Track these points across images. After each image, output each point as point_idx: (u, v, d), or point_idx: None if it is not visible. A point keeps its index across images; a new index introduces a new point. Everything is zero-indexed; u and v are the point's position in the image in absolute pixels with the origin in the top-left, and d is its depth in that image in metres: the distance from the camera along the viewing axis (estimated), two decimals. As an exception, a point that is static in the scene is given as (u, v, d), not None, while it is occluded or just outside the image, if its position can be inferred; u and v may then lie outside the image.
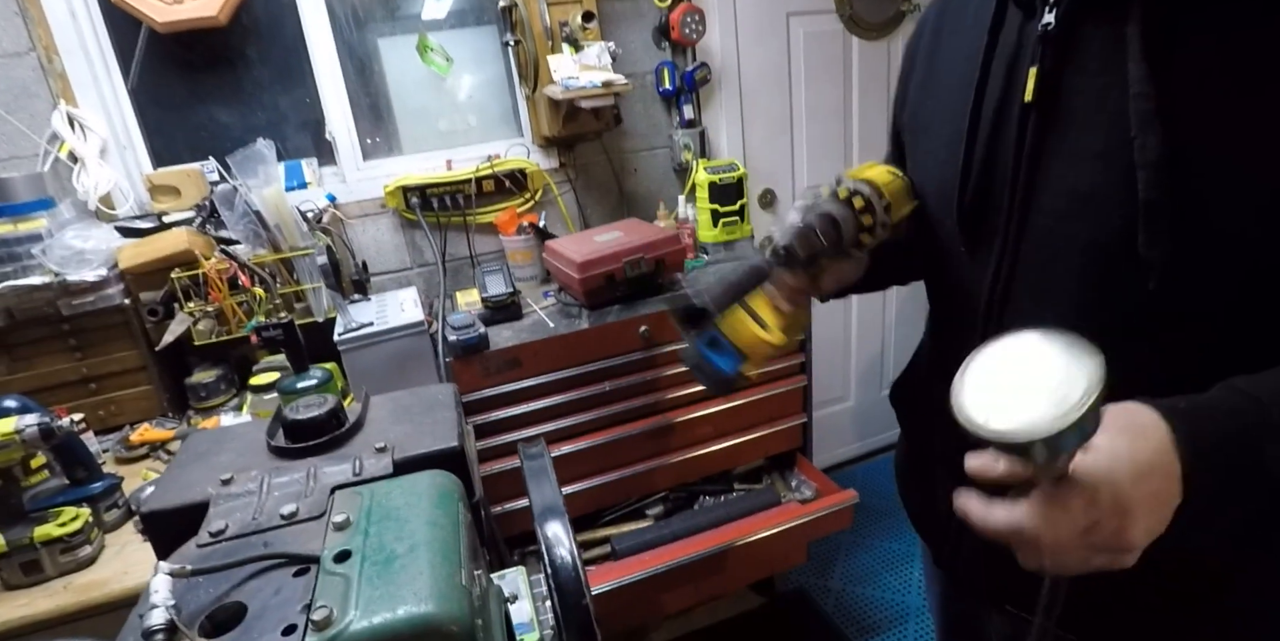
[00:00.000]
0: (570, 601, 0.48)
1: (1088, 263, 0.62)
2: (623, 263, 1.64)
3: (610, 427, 1.77)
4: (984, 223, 0.70)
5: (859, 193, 0.72)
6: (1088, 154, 0.61)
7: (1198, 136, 0.54)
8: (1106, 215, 0.60)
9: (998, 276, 0.70)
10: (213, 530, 0.57)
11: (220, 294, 1.54)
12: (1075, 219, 0.62)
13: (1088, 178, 0.61)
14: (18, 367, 1.57)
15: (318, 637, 0.45)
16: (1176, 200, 0.55)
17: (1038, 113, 0.64)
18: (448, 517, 0.57)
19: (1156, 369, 0.58)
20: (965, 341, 0.76)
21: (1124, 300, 0.61)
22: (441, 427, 0.69)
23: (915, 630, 2.07)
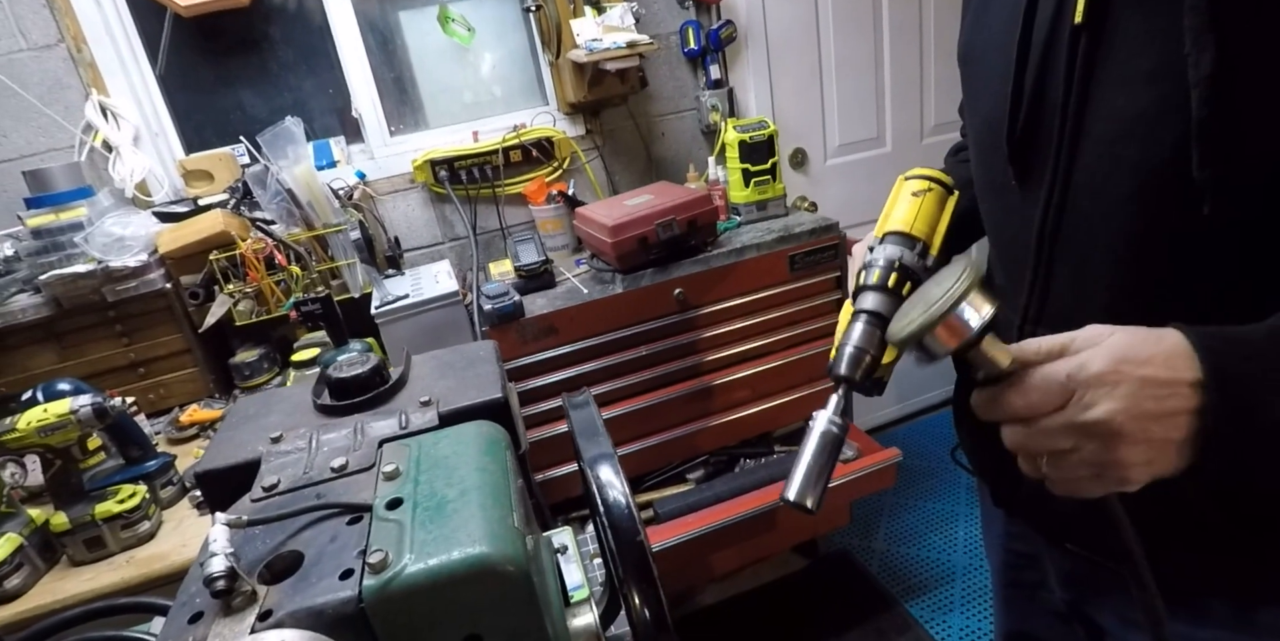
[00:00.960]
0: (626, 538, 0.47)
1: (1140, 188, 0.60)
2: (655, 225, 1.62)
3: (649, 392, 1.76)
4: (1035, 154, 0.68)
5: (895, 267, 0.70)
6: (1139, 75, 0.59)
7: (1252, 51, 0.51)
8: (1159, 137, 0.58)
9: (1048, 209, 0.68)
10: (265, 485, 0.57)
11: (258, 274, 1.55)
12: (1126, 143, 0.60)
13: (1140, 99, 0.59)
14: (69, 355, 1.61)
15: (375, 580, 0.44)
16: (1230, 119, 0.53)
17: (1088, 35, 0.61)
18: (496, 464, 0.56)
19: (1208, 303, 0.57)
20: (1019, 277, 0.74)
21: (1177, 228, 0.59)
22: (485, 380, 0.68)
23: (963, 589, 2.05)
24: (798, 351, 1.90)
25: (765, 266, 1.80)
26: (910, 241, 0.71)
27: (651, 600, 0.46)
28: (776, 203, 1.97)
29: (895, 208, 0.75)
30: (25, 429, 1.10)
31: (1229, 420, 0.45)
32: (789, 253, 1.82)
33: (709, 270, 1.73)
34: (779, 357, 1.89)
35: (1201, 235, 0.58)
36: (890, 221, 0.74)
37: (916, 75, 2.50)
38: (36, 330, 1.58)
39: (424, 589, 0.44)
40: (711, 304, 1.77)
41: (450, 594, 0.45)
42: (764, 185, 1.93)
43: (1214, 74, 0.52)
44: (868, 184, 2.56)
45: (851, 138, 2.49)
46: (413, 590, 0.44)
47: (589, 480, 0.52)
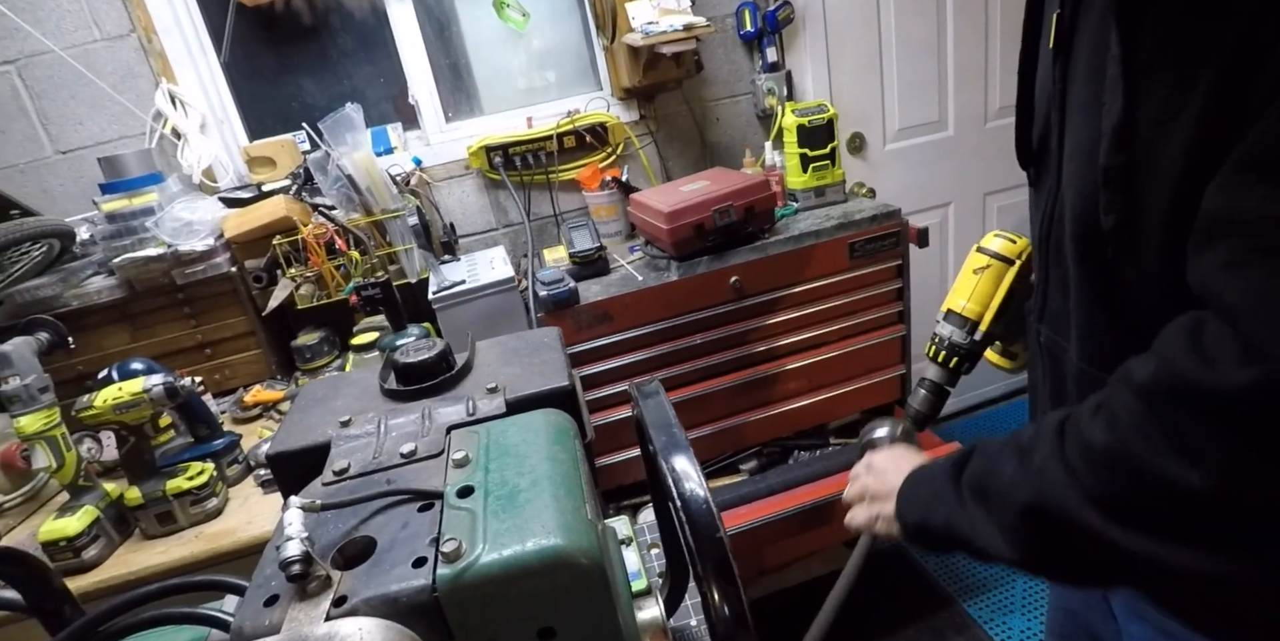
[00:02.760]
0: (705, 534, 0.45)
1: (1075, 217, 0.64)
2: (711, 211, 1.59)
3: (702, 381, 1.74)
4: (1044, 161, 0.72)
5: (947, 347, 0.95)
6: (1082, 106, 0.62)
7: (1157, 108, 0.53)
8: (1086, 172, 0.60)
9: (1045, 214, 0.72)
10: (336, 469, 0.57)
11: (319, 258, 1.58)
12: (1079, 164, 0.63)
13: (1082, 130, 0.62)
14: (140, 335, 1.67)
15: (449, 569, 0.44)
16: (1131, 171, 0.55)
17: (1061, 58, 0.65)
18: (566, 453, 0.55)
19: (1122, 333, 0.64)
20: (1039, 279, 0.77)
21: (1095, 259, 0.64)
22: (551, 368, 0.67)
23: (1024, 590, 1.98)
24: (855, 342, 1.85)
25: (824, 254, 1.76)
26: (962, 321, 0.93)
27: (732, 598, 0.45)
28: (835, 188, 1.92)
29: (958, 283, 0.94)
30: (102, 406, 1.14)
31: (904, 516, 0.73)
32: (849, 240, 1.77)
33: (766, 257, 1.70)
34: (836, 348, 1.85)
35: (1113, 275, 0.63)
36: (950, 299, 0.95)
37: (981, 56, 2.40)
38: (111, 311, 1.63)
39: (498, 579, 0.43)
40: (768, 292, 1.74)
41: (524, 585, 0.44)
42: (823, 170, 1.88)
43: (1120, 125, 0.55)
44: (928, 169, 2.47)
45: (912, 121, 2.41)
46: (486, 580, 0.43)
47: (662, 471, 0.50)
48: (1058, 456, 0.56)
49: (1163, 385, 0.50)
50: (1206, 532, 0.50)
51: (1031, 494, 0.57)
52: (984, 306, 0.91)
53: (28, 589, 0.71)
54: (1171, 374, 0.49)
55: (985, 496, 0.62)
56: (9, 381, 1.14)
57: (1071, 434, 0.56)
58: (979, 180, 2.52)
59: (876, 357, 1.88)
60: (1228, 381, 0.45)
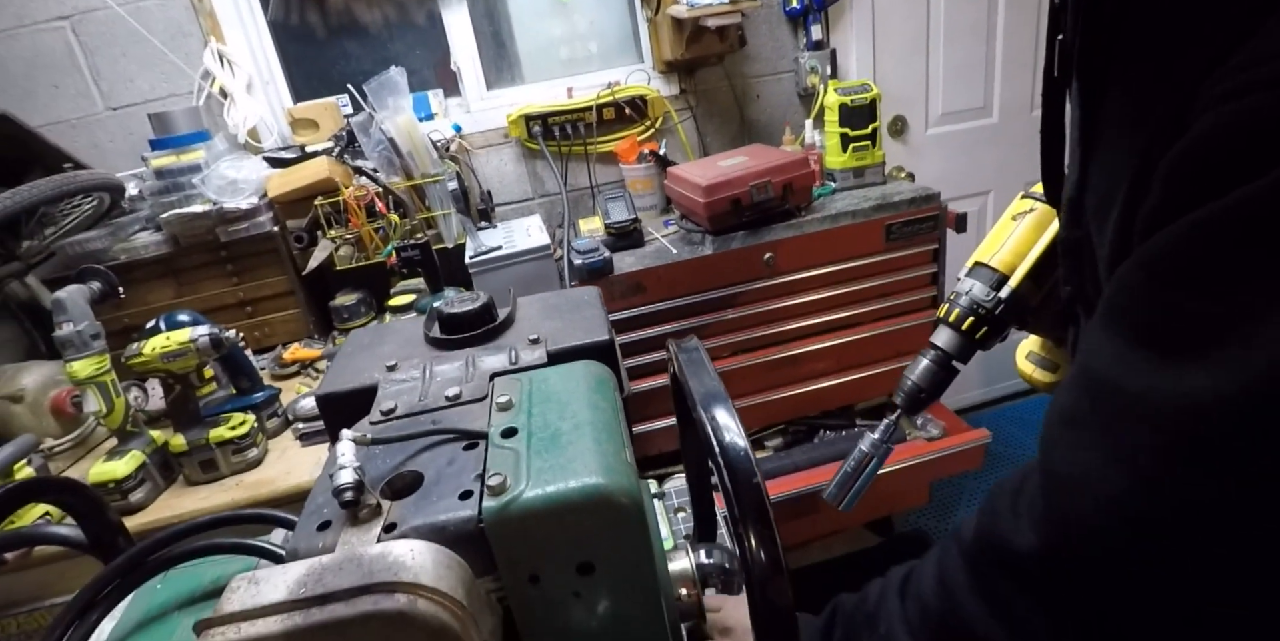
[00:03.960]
0: (743, 479, 0.46)
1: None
2: (749, 186, 1.58)
3: (732, 356, 1.75)
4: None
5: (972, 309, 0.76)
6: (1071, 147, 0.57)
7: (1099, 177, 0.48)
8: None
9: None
10: (384, 409, 0.59)
11: (359, 220, 1.60)
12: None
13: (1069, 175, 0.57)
14: (185, 291, 1.71)
15: (494, 502, 0.45)
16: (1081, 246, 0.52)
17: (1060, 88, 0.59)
18: (606, 402, 0.56)
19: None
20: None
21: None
22: (592, 323, 0.68)
23: None
24: (887, 324, 1.84)
25: (860, 234, 1.74)
26: (990, 274, 0.75)
27: (768, 541, 0.46)
28: (874, 170, 1.90)
29: (994, 232, 0.79)
30: (150, 354, 1.17)
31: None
32: (886, 221, 1.75)
33: (801, 235, 1.69)
34: (867, 329, 1.84)
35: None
36: (982, 249, 0.78)
37: (1031, 43, 2.34)
38: (157, 266, 1.68)
39: (540, 514, 0.45)
40: (802, 270, 1.73)
41: (566, 521, 0.45)
42: (863, 151, 1.86)
43: (1075, 198, 0.51)
44: (969, 156, 2.43)
45: (956, 106, 2.37)
46: (530, 514, 0.45)
47: (701, 421, 0.51)
48: (901, 618, 0.55)
49: (981, 544, 0.47)
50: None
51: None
52: (1019, 257, 0.74)
53: (85, 519, 0.74)
54: (989, 533, 0.47)
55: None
56: (63, 327, 1.18)
57: (911, 594, 0.55)
58: (1021, 170, 2.47)
59: (908, 341, 1.87)
60: (1023, 543, 0.43)
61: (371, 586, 0.38)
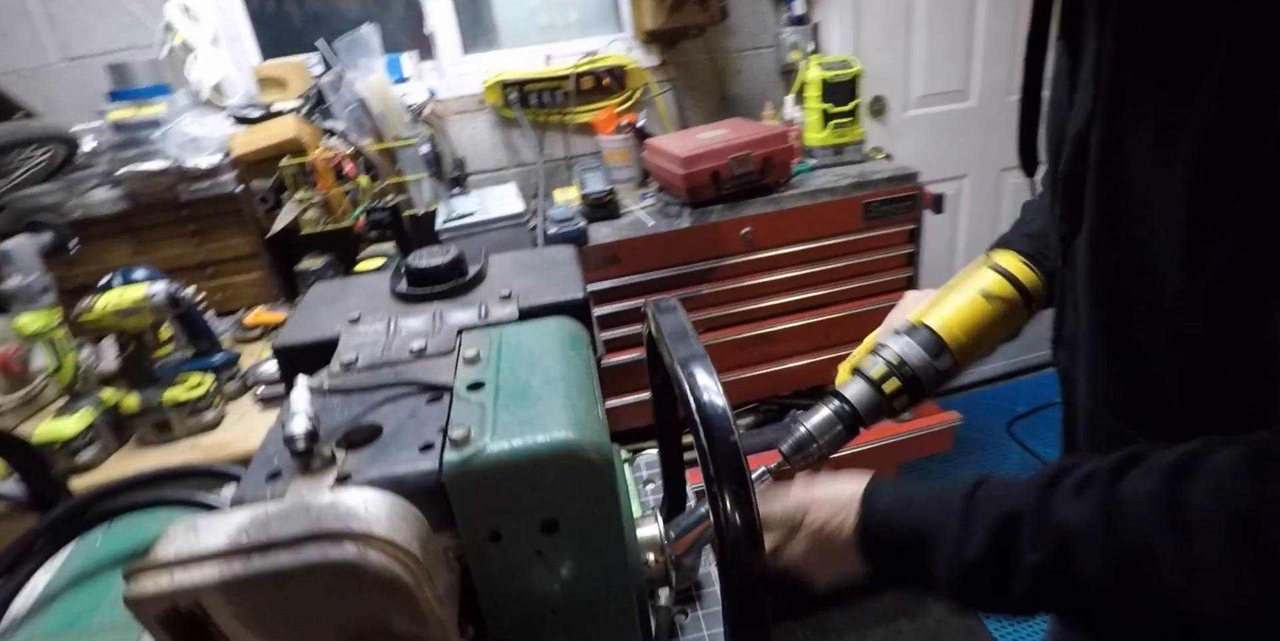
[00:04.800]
0: (720, 437, 0.45)
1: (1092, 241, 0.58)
2: (728, 159, 1.56)
3: (706, 332, 1.74)
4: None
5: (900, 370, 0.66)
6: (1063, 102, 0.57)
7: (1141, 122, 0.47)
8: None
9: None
10: (344, 361, 0.56)
11: (326, 183, 1.55)
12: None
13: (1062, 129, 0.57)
14: (143, 250, 1.65)
15: (456, 455, 0.43)
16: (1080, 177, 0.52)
17: (1069, 49, 0.58)
18: (580, 358, 0.54)
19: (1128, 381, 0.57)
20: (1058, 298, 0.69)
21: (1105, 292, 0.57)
22: (567, 281, 0.66)
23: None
24: (862, 304, 1.84)
25: (838, 212, 1.74)
26: (938, 347, 0.66)
27: (743, 502, 0.44)
28: (854, 148, 1.89)
29: (954, 297, 0.70)
30: (102, 311, 1.13)
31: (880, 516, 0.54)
32: (864, 200, 1.75)
33: (780, 211, 1.68)
34: (843, 309, 1.84)
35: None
36: (937, 312, 0.69)
37: (1010, 28, 2.33)
38: (114, 224, 1.61)
39: (506, 468, 0.43)
40: (779, 247, 1.72)
41: (532, 476, 0.43)
42: (844, 128, 1.84)
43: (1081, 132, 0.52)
44: (947, 139, 2.43)
45: (935, 88, 2.36)
46: (494, 468, 0.43)
47: (680, 379, 0.49)
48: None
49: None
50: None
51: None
52: (975, 342, 0.68)
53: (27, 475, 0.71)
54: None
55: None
56: (10, 279, 1.12)
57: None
58: (997, 155, 2.47)
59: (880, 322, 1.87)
60: None
61: (319, 534, 0.35)
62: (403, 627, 0.37)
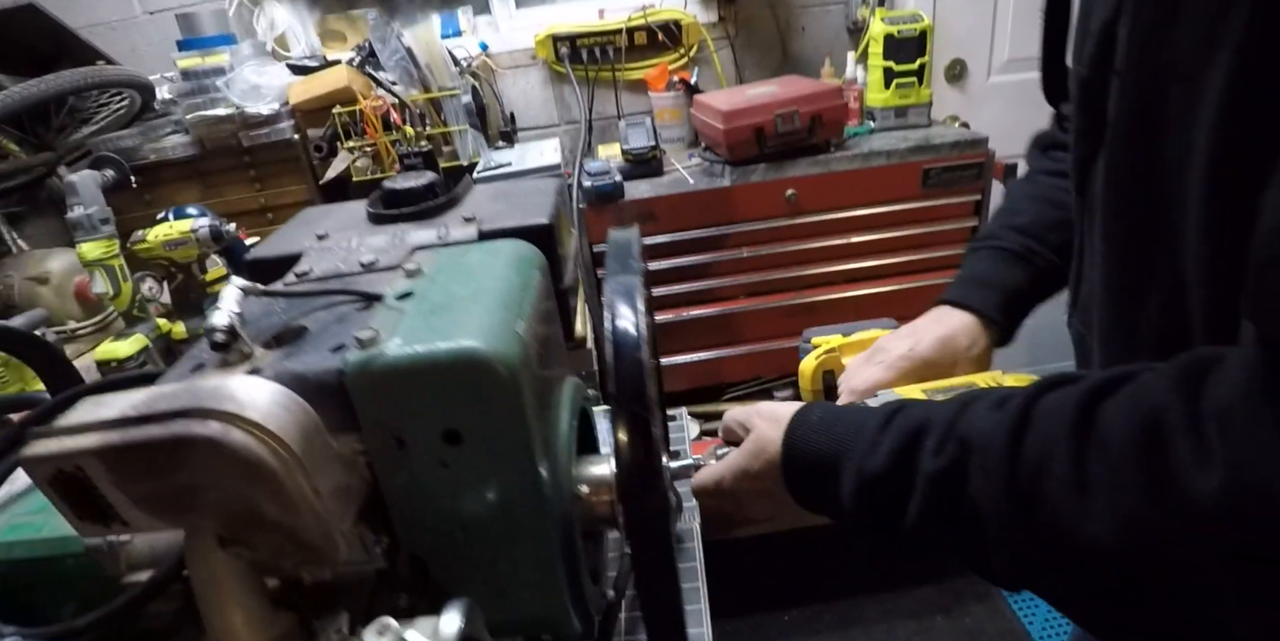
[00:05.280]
0: (627, 354, 0.43)
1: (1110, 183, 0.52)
2: (773, 115, 1.50)
3: (746, 298, 1.70)
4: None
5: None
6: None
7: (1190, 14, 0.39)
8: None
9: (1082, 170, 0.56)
10: (299, 271, 0.58)
11: (375, 131, 1.58)
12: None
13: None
14: (210, 194, 1.74)
15: (360, 355, 0.43)
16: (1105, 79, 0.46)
17: None
18: (520, 277, 0.53)
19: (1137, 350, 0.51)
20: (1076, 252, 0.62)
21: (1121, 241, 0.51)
22: (536, 207, 0.65)
23: None
24: (916, 279, 1.75)
25: (893, 177, 1.65)
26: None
27: (641, 426, 0.43)
28: (919, 111, 1.78)
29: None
30: (153, 241, 1.20)
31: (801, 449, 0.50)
32: (924, 165, 1.65)
33: (828, 173, 1.61)
34: (894, 283, 1.76)
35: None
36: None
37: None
38: (184, 168, 1.70)
39: (405, 371, 0.43)
40: (826, 212, 1.65)
41: (432, 381, 0.43)
42: (907, 88, 1.74)
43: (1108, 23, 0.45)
44: (1035, 110, 2.22)
45: (1025, 53, 2.19)
46: (394, 370, 0.43)
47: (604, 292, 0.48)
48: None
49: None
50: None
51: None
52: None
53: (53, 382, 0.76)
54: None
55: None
56: (74, 209, 1.20)
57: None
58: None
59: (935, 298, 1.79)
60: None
61: (190, 410, 0.36)
62: (274, 515, 0.38)
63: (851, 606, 1.87)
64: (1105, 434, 0.34)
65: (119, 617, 0.49)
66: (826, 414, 0.51)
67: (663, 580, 0.45)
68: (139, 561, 0.55)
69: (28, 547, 0.57)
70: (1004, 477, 0.37)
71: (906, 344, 0.68)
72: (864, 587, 1.89)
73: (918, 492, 0.41)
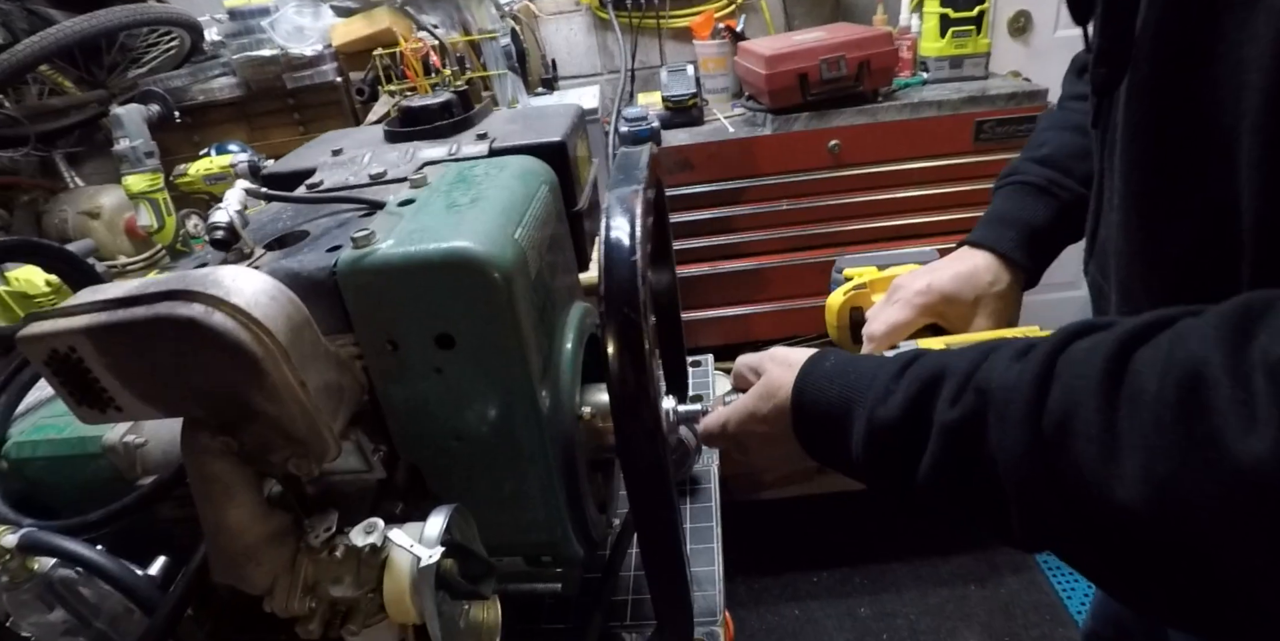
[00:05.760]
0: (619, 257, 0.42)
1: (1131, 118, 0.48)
2: (819, 61, 1.44)
3: (784, 252, 1.65)
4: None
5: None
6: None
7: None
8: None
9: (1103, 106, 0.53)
10: (310, 183, 0.57)
11: (415, 75, 1.57)
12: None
13: None
14: (255, 136, 1.76)
15: (353, 254, 0.43)
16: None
17: None
18: (525, 189, 0.52)
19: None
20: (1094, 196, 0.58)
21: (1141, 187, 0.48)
22: (551, 127, 0.63)
23: None
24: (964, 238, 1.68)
25: (944, 130, 1.58)
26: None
27: (632, 331, 0.41)
28: (975, 61, 1.69)
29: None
30: (194, 175, 1.22)
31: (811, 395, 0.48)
32: (977, 117, 1.57)
33: (874, 124, 1.54)
34: (941, 241, 1.69)
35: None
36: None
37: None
38: (231, 109, 1.73)
39: (396, 270, 0.42)
40: (871, 165, 1.59)
41: (423, 282, 0.43)
42: (964, 37, 1.65)
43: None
44: (1104, 63, 2.13)
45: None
46: (385, 269, 0.43)
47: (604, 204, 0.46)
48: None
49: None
50: None
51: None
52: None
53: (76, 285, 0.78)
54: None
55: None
56: (120, 142, 1.23)
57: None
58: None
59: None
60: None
61: (175, 292, 0.36)
62: (260, 404, 0.38)
63: (883, 571, 1.85)
64: (1138, 388, 0.31)
65: (130, 513, 0.51)
66: (840, 360, 0.49)
67: (655, 498, 0.45)
68: (153, 466, 0.57)
69: (50, 446, 0.59)
70: (1025, 434, 0.34)
71: (924, 280, 0.65)
72: (896, 553, 1.87)
73: (931, 444, 0.39)
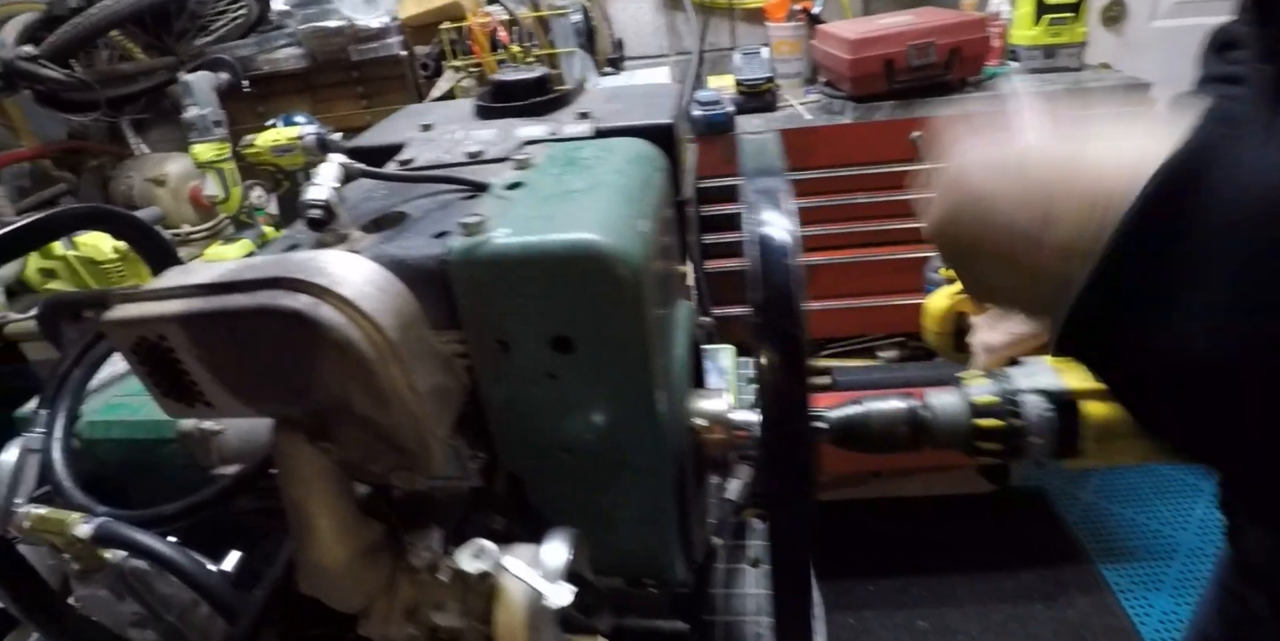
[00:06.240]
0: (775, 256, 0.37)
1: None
2: (906, 47, 1.36)
3: (859, 248, 1.58)
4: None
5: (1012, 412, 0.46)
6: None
7: None
8: None
9: None
10: (402, 159, 0.53)
11: (481, 50, 1.53)
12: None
13: None
14: (319, 108, 1.74)
15: (464, 242, 0.38)
16: None
17: None
18: (641, 174, 0.47)
19: None
20: None
21: None
22: (657, 107, 0.58)
23: (1181, 571, 1.68)
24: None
25: (1034, 124, 1.48)
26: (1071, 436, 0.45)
27: (791, 345, 0.36)
28: (1070, 52, 1.59)
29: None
30: (261, 146, 1.20)
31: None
32: (1071, 112, 1.48)
33: (962, 115, 1.45)
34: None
35: None
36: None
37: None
38: (296, 80, 1.71)
39: (514, 262, 0.38)
40: (952, 159, 1.51)
41: (543, 277, 0.38)
42: (1060, 26, 1.55)
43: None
44: (1204, 60, 2.00)
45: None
46: (501, 260, 0.38)
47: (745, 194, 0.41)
48: None
49: None
50: None
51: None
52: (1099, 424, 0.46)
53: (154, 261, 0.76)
54: None
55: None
56: (189, 110, 1.21)
57: None
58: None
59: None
60: None
61: (278, 280, 0.32)
62: (364, 408, 0.34)
63: (942, 583, 1.77)
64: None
65: (208, 507, 0.48)
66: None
67: (799, 519, 0.40)
68: (230, 454, 0.54)
69: (124, 428, 0.56)
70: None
71: None
72: (956, 565, 1.79)
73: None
